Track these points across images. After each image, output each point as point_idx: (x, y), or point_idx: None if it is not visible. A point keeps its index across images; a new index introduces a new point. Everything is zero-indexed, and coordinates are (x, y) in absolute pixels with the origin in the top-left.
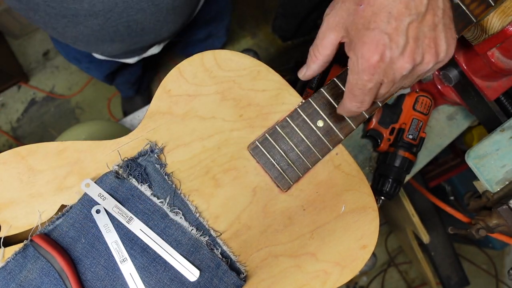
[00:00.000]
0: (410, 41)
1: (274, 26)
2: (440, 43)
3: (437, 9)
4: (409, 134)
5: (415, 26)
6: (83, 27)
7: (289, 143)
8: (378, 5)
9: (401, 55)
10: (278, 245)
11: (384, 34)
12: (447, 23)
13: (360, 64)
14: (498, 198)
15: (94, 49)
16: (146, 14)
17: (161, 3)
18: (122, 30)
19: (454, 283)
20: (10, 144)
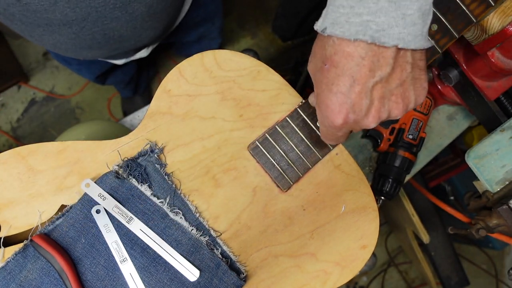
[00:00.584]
0: (375, 101)
1: (274, 26)
2: (408, 96)
3: (405, 64)
4: (409, 134)
5: (380, 87)
6: (59, 35)
7: (289, 143)
8: (342, 68)
9: (365, 117)
10: (278, 245)
11: (347, 99)
12: (416, 75)
13: (325, 122)
14: (498, 198)
15: (74, 54)
16: (121, 22)
17: (135, 11)
18: (99, 38)
19: (454, 283)
20: (10, 144)
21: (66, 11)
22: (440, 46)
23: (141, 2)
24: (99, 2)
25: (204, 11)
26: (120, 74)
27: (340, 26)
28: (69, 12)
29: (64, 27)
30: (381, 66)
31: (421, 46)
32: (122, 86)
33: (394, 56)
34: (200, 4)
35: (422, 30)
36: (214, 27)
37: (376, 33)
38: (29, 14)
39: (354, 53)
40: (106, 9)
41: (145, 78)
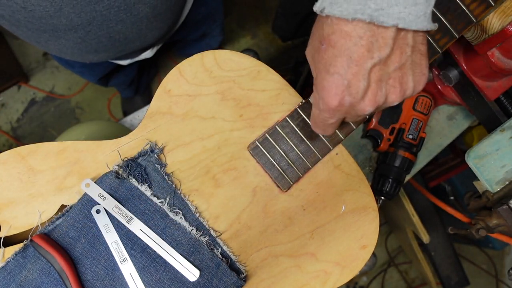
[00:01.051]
0: (372, 84)
1: (274, 26)
2: (406, 81)
3: (405, 46)
4: (409, 134)
5: (378, 69)
6: (65, 40)
7: (289, 143)
8: (339, 48)
9: (362, 100)
10: (278, 245)
11: (344, 80)
12: (416, 60)
13: (320, 104)
14: (498, 198)
15: (80, 58)
16: (126, 24)
17: (140, 13)
18: (105, 41)
19: (454, 283)
20: (10, 144)
21: (71, 16)
22: (440, 46)
23: (146, 3)
24: (103, 6)
25: (205, 8)
26: (122, 75)
27: (339, 6)
28: (74, 17)
29: (69, 32)
30: (379, 47)
31: (424, 28)
32: (124, 87)
33: (394, 36)
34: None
35: (425, 10)
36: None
37: (374, 12)
38: (35, 20)
39: (352, 33)
40: (111, 13)
41: (145, 79)
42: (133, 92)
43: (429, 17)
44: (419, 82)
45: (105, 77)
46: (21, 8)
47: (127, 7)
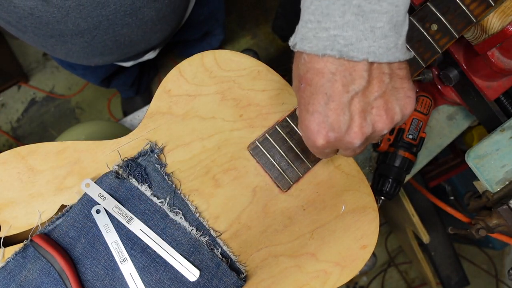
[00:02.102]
0: (355, 117)
1: (274, 26)
2: (391, 108)
3: (382, 75)
4: (409, 134)
5: (357, 101)
6: (71, 45)
7: (289, 143)
8: (315, 85)
9: (347, 133)
10: (278, 245)
11: (324, 117)
12: (397, 85)
13: (308, 143)
14: (498, 198)
15: (86, 62)
16: (132, 28)
17: (145, 16)
18: (111, 44)
19: (454, 283)
20: (10, 144)
21: (78, 22)
22: (440, 46)
23: (151, 7)
24: (110, 11)
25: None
26: (124, 76)
27: (309, 42)
28: (81, 22)
29: (76, 37)
30: (354, 80)
31: (396, 59)
32: (126, 88)
33: (368, 69)
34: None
35: (396, 42)
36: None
37: (344, 48)
38: (42, 26)
39: (324, 69)
40: (117, 17)
41: (146, 79)
42: (134, 92)
43: (402, 47)
44: (405, 105)
45: (107, 78)
46: (28, 15)
47: (133, 11)
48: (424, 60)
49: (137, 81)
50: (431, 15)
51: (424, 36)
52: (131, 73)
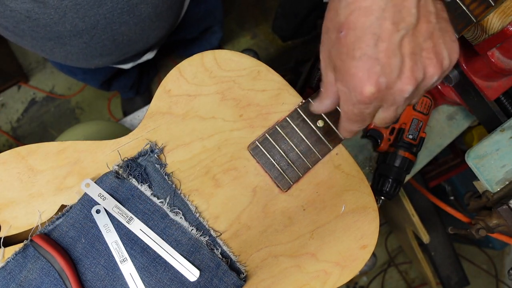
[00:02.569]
0: (406, 59)
1: (274, 26)
2: (440, 51)
3: (429, 14)
4: (409, 134)
5: (408, 41)
6: (70, 46)
7: (289, 143)
8: (361, 28)
9: (399, 78)
10: (278, 245)
11: (374, 60)
12: (443, 27)
13: (353, 97)
14: (498, 198)
15: (85, 64)
16: (129, 26)
17: (142, 13)
18: (109, 44)
19: (454, 283)
20: (10, 144)
21: (75, 22)
22: None
23: (148, 3)
24: (107, 9)
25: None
26: (124, 79)
27: None
28: (78, 22)
29: (74, 38)
30: (403, 18)
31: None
32: (126, 90)
33: (416, 5)
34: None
35: None
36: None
37: None
38: (39, 29)
39: (373, 6)
40: (114, 15)
41: (146, 79)
42: (134, 93)
43: None
44: (452, 50)
45: (107, 81)
46: (26, 18)
47: (130, 8)
48: None
49: (137, 82)
50: None
51: None
52: (131, 75)
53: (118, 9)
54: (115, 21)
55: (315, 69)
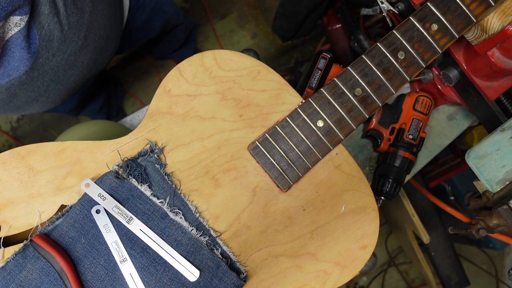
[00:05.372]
0: None
1: (274, 26)
2: None
3: None
4: (409, 134)
5: None
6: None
7: (289, 143)
8: None
9: None
10: (278, 245)
11: None
12: None
13: None
14: (498, 198)
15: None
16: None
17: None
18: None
19: (454, 283)
20: (10, 144)
21: (27, 94)
22: (440, 46)
23: (86, 52)
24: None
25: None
26: (91, 104)
27: None
28: (31, 93)
29: (33, 103)
30: None
31: None
32: (95, 114)
33: None
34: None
35: None
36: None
37: None
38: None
39: None
40: (59, 75)
41: (115, 102)
42: (105, 116)
43: None
44: None
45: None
46: None
47: (71, 64)
48: (424, 60)
49: (106, 105)
50: (431, 15)
51: (424, 36)
52: (98, 99)
53: (60, 70)
54: (63, 78)
55: (315, 69)
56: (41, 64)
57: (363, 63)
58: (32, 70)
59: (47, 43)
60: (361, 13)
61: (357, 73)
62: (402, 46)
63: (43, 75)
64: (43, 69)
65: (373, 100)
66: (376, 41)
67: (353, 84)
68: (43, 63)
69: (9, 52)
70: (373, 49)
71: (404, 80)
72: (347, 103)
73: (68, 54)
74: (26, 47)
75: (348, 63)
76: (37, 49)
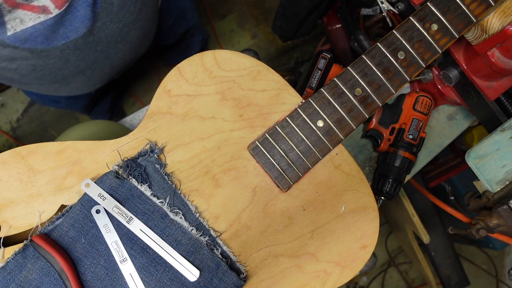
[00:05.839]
0: None
1: (274, 26)
2: None
3: None
4: (409, 134)
5: None
6: (74, 83)
7: (289, 143)
8: None
9: None
10: (278, 245)
11: None
12: None
13: None
14: (498, 198)
15: (87, 90)
16: (124, 51)
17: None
18: (108, 71)
19: (454, 283)
20: (10, 144)
21: (77, 64)
22: (440, 46)
23: (136, 28)
24: (103, 45)
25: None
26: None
27: None
28: (80, 63)
29: (78, 76)
30: None
31: None
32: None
33: None
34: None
35: None
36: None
37: None
38: (45, 76)
39: None
40: (110, 47)
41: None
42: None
43: None
44: None
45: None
46: (31, 71)
47: (123, 37)
48: (424, 60)
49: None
50: (431, 15)
51: (424, 36)
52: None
53: (112, 41)
54: (112, 52)
55: (315, 69)
56: (98, 30)
57: (363, 63)
58: (89, 34)
59: (108, 5)
60: (361, 13)
61: (357, 73)
62: (402, 46)
63: (96, 43)
64: (98, 35)
65: (373, 100)
66: (376, 41)
67: (353, 84)
68: (100, 29)
69: (74, 10)
70: (373, 49)
71: (404, 80)
72: (347, 103)
73: (123, 24)
74: (91, 4)
75: (348, 63)
76: (99, 10)
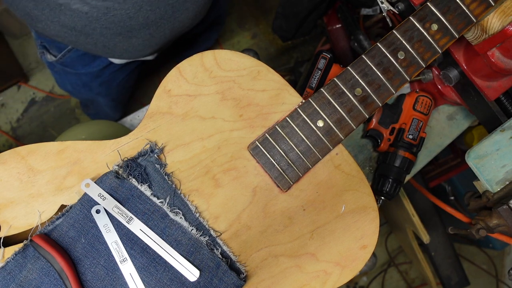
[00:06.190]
0: None
1: (274, 26)
2: None
3: None
4: (409, 134)
5: None
6: (135, 39)
7: (289, 143)
8: None
9: None
10: (278, 245)
11: None
12: None
13: None
14: (498, 198)
15: (138, 55)
16: (188, 12)
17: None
18: (168, 33)
19: (454, 283)
20: (10, 144)
21: (147, 14)
22: (440, 46)
23: None
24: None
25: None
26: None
27: None
28: (150, 14)
29: (143, 30)
30: None
31: None
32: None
33: None
34: None
35: None
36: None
37: None
38: (113, 25)
39: None
40: (179, 3)
41: None
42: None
43: None
44: None
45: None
46: (103, 14)
47: None
48: (424, 60)
49: None
50: (431, 15)
51: (424, 36)
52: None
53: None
54: (179, 9)
55: (315, 69)
56: None
57: (363, 63)
58: None
59: None
60: (361, 13)
61: (357, 73)
62: (402, 46)
63: None
64: None
65: (373, 100)
66: (376, 41)
67: (353, 84)
68: None
69: None
70: (373, 49)
71: (404, 80)
72: (347, 103)
73: None
74: None
75: (348, 63)
76: None
